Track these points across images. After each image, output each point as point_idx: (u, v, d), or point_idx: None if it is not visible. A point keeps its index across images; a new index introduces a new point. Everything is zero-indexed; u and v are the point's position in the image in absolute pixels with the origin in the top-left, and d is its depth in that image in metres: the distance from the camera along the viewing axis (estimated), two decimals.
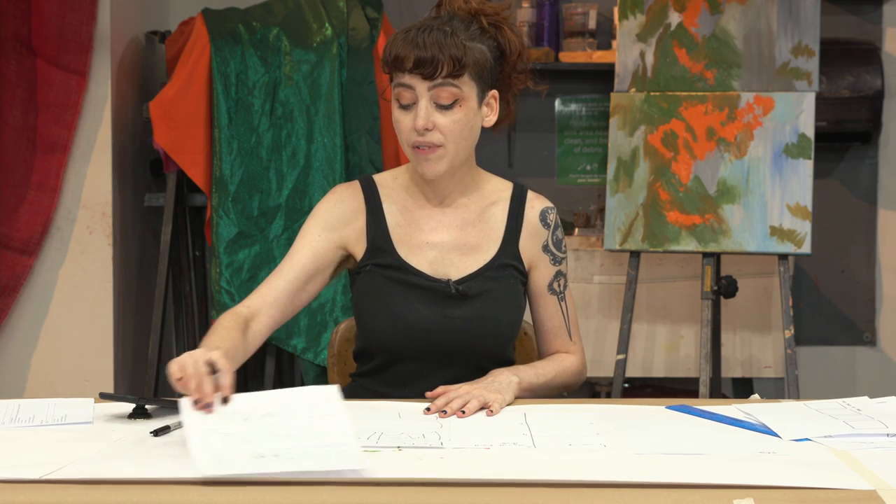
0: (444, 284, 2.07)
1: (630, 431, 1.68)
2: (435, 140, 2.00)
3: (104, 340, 3.61)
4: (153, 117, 3.50)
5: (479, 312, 2.06)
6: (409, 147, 2.03)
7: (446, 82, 1.99)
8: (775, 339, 3.77)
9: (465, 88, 2.01)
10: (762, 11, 3.51)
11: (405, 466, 1.47)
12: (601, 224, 4.06)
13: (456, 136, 2.02)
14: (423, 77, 1.98)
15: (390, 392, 2.09)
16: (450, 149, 2.02)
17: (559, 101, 4.30)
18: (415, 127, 1.99)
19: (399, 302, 2.06)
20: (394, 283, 2.07)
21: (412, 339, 2.05)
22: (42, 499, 1.37)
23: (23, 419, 1.78)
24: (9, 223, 3.51)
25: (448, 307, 2.06)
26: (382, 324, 2.07)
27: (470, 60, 2.00)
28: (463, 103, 2.01)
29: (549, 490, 1.38)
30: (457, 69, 1.99)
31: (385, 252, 2.09)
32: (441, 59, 1.97)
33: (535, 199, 2.16)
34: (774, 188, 3.42)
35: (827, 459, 1.51)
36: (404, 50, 1.99)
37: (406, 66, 1.98)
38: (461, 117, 2.01)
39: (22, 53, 3.50)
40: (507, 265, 2.10)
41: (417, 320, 2.05)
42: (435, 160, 2.02)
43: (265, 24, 3.58)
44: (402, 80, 2.01)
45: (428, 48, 1.98)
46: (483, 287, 2.07)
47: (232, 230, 3.49)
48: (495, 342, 2.09)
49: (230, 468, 1.40)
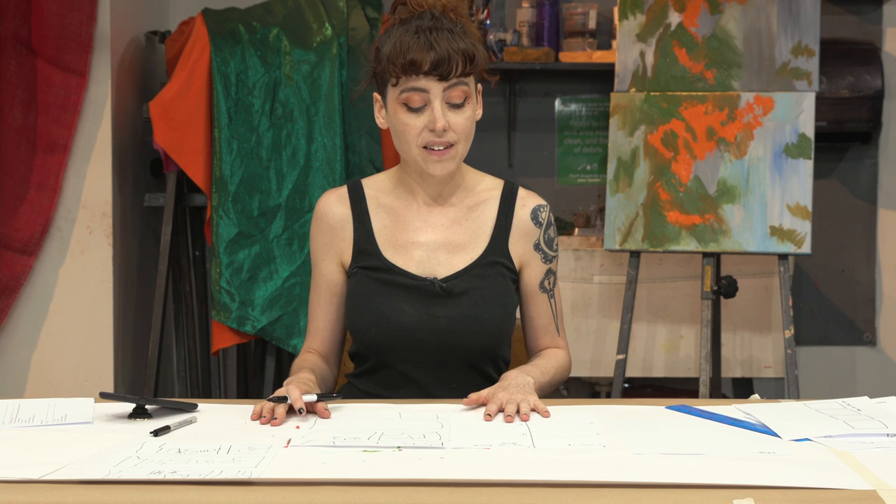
0: (428, 283, 2.07)
1: (630, 431, 1.68)
2: (451, 139, 2.01)
3: (104, 340, 3.61)
4: (153, 117, 3.50)
5: (465, 311, 2.05)
6: (417, 148, 2.02)
7: (459, 81, 2.00)
8: (775, 339, 3.77)
9: (471, 85, 2.03)
10: (762, 11, 3.51)
11: (405, 466, 1.47)
12: (601, 224, 4.06)
13: (467, 133, 2.03)
14: (439, 79, 1.98)
15: (384, 393, 2.09)
16: (460, 148, 2.03)
17: (559, 101, 4.30)
18: (433, 128, 1.99)
19: (384, 302, 2.07)
20: (379, 283, 2.08)
21: (398, 338, 2.05)
22: (42, 499, 1.37)
23: (23, 419, 1.78)
24: (9, 223, 3.51)
25: (433, 306, 2.06)
26: (368, 323, 2.07)
27: (479, 58, 2.02)
28: (470, 100, 2.03)
29: (549, 490, 1.38)
30: (468, 68, 2.00)
31: (370, 254, 2.10)
32: (456, 59, 1.97)
33: (527, 196, 2.15)
34: (774, 188, 3.42)
35: (827, 459, 1.51)
36: (419, 53, 1.97)
37: (423, 69, 1.97)
38: (470, 114, 2.03)
39: (22, 53, 3.50)
40: (495, 263, 2.09)
41: (403, 319, 2.05)
42: (448, 160, 2.02)
43: (265, 24, 3.58)
44: (413, 84, 1.99)
45: (443, 49, 1.97)
46: (470, 285, 2.07)
47: (232, 230, 3.49)
48: (483, 340, 2.08)
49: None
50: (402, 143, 2.04)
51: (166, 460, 1.50)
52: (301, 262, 3.50)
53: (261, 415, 1.76)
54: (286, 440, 1.62)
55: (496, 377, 2.11)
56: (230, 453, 1.53)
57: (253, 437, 1.65)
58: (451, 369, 2.07)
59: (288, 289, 3.49)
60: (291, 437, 1.65)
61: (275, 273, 3.50)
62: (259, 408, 1.78)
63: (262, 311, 3.49)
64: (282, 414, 1.75)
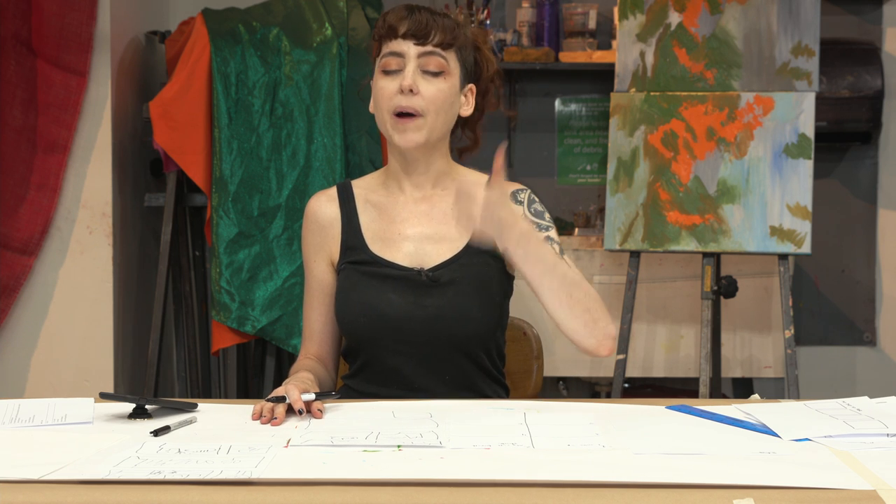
0: (415, 273, 2.08)
1: (630, 431, 1.68)
2: (417, 105, 2.05)
3: (104, 340, 3.61)
4: (153, 117, 3.50)
5: (452, 300, 2.06)
6: (388, 114, 2.07)
7: (436, 51, 2.07)
8: (775, 339, 3.77)
9: (452, 64, 2.08)
10: (762, 11, 3.50)
11: (405, 466, 1.47)
12: (601, 224, 4.06)
13: (438, 105, 2.06)
14: (415, 42, 2.05)
15: (378, 391, 2.10)
16: (429, 119, 2.06)
17: (559, 101, 4.30)
18: (400, 86, 2.04)
19: (372, 293, 2.09)
20: (367, 276, 2.10)
21: (386, 328, 2.06)
22: (42, 499, 1.37)
23: (23, 419, 1.78)
24: (9, 223, 3.51)
25: (420, 295, 2.07)
26: (356, 314, 2.09)
27: (460, 37, 2.09)
28: (448, 77, 2.08)
29: (549, 490, 1.38)
30: (448, 38, 2.07)
31: (357, 249, 2.13)
32: (434, 27, 2.06)
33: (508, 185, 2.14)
34: (774, 188, 3.42)
35: (827, 459, 1.51)
36: (397, 19, 2.07)
37: (399, 31, 2.06)
38: (445, 88, 2.07)
39: (22, 53, 3.50)
40: (480, 252, 2.09)
41: (390, 308, 2.07)
42: (413, 129, 2.06)
43: (265, 24, 3.58)
44: (391, 48, 2.07)
45: (422, 16, 2.06)
46: (455, 274, 2.08)
47: (232, 230, 3.49)
48: (471, 327, 2.08)
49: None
50: (377, 112, 2.10)
51: (166, 460, 1.50)
52: (301, 262, 3.50)
53: (261, 414, 1.77)
54: (286, 440, 1.62)
55: (491, 367, 2.12)
56: (230, 453, 1.53)
57: (253, 437, 1.65)
58: (441, 360, 2.08)
59: (288, 289, 3.49)
60: (291, 437, 1.65)
61: (275, 273, 3.50)
62: (259, 408, 1.78)
63: (262, 311, 3.49)
64: (281, 413, 1.75)
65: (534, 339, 2.37)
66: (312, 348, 2.18)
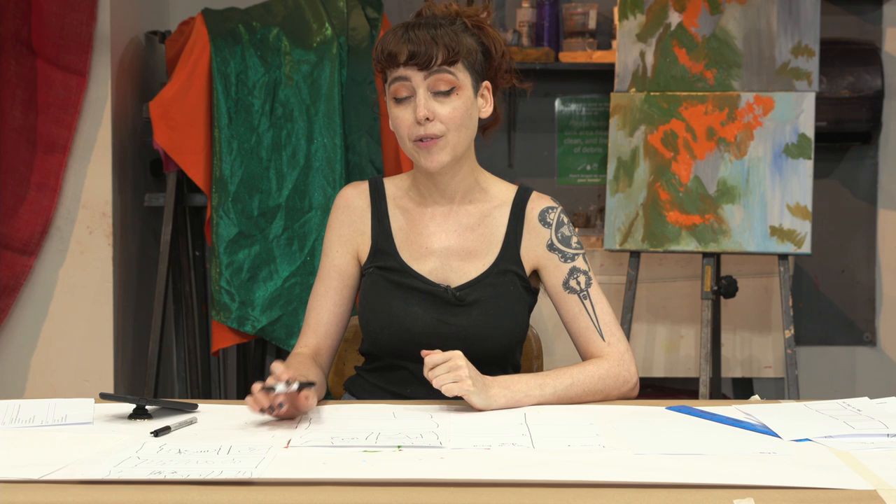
0: (442, 290, 2.07)
1: (630, 431, 1.68)
2: (436, 131, 2.01)
3: (104, 340, 3.61)
4: (153, 117, 3.50)
5: (476, 320, 2.05)
6: (409, 142, 2.03)
7: (442, 69, 2.01)
8: (775, 339, 3.77)
9: (461, 76, 2.03)
10: (762, 11, 3.51)
11: (405, 466, 1.47)
12: (601, 224, 4.06)
13: (456, 123, 2.02)
14: (419, 68, 2.00)
15: (393, 389, 2.10)
16: (451, 138, 2.03)
17: (559, 101, 4.30)
18: (416, 117, 2.00)
19: (398, 305, 2.07)
20: (395, 286, 2.08)
21: (410, 342, 2.05)
22: (42, 499, 1.37)
23: (23, 419, 1.78)
24: (9, 223, 3.51)
25: (446, 313, 2.06)
26: (381, 325, 2.07)
27: (462, 48, 2.03)
28: (460, 91, 2.03)
29: (549, 490, 1.38)
30: (451, 56, 2.01)
31: (388, 255, 2.11)
32: (434, 48, 2.00)
33: (538, 199, 2.14)
34: (774, 188, 3.42)
35: (827, 460, 1.51)
36: (396, 45, 2.01)
37: (400, 59, 2.00)
38: (459, 104, 2.03)
39: (22, 53, 3.50)
40: (506, 271, 2.09)
41: (415, 323, 2.06)
42: (437, 151, 2.02)
43: (265, 24, 3.58)
44: (397, 74, 2.02)
45: (420, 39, 2.00)
46: (481, 294, 2.07)
47: (232, 230, 3.49)
48: (492, 348, 2.07)
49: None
50: (400, 142, 2.07)
51: (166, 460, 1.50)
52: (301, 263, 3.51)
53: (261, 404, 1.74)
54: (286, 440, 1.62)
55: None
56: (230, 453, 1.53)
57: (253, 438, 1.65)
58: None
59: (288, 289, 3.49)
60: (291, 437, 1.65)
61: (275, 273, 3.50)
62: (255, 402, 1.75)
63: (262, 311, 3.49)
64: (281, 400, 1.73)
65: (534, 340, 2.37)
66: (313, 340, 2.12)
